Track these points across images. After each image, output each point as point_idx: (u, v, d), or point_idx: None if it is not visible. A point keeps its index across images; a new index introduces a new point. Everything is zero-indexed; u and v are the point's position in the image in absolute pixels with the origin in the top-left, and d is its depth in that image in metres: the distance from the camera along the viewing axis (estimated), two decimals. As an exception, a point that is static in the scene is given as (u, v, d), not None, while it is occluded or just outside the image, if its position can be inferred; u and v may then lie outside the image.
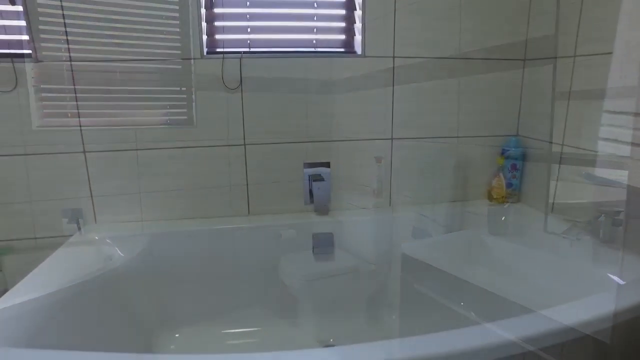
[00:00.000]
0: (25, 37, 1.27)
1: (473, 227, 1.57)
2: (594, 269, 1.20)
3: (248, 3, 1.40)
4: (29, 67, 1.28)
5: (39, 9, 1.25)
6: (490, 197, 1.68)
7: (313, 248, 1.49)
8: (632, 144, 1.02)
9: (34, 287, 1.02)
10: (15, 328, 0.86)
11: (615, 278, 1.07)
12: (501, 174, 1.64)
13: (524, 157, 1.62)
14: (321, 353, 0.75)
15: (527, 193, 1.63)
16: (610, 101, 1.07)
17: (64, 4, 1.26)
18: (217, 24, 1.40)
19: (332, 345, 1.36)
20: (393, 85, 1.51)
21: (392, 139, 1.56)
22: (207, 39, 1.39)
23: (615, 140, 1.06)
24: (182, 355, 0.72)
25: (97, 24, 1.28)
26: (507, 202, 1.65)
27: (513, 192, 1.65)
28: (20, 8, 1.24)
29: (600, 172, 1.11)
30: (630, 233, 1.16)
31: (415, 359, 0.74)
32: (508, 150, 1.62)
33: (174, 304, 1.43)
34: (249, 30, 1.42)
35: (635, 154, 1.01)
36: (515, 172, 1.62)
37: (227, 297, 1.47)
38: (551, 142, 1.47)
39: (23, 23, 1.26)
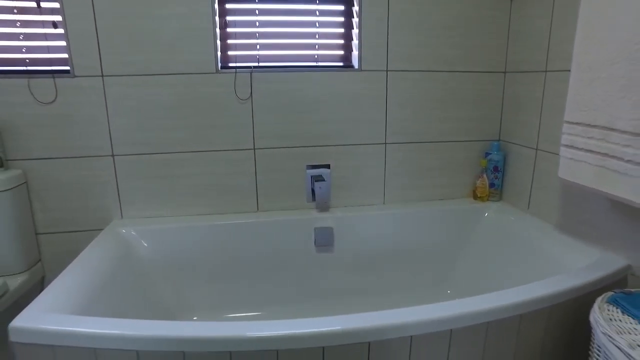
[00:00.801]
0: (65, 56, 1.46)
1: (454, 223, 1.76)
2: (557, 258, 1.38)
3: (257, 23, 1.58)
4: (67, 82, 1.47)
5: (77, 32, 1.43)
6: (475, 196, 1.85)
7: (315, 241, 1.67)
8: (574, 147, 1.19)
9: (80, 270, 1.20)
10: (70, 300, 1.04)
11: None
12: (484, 175, 1.81)
13: (505, 160, 1.80)
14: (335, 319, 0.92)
15: (508, 192, 1.80)
16: (569, 112, 1.24)
17: (98, 26, 1.44)
18: (229, 42, 1.58)
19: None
20: (386, 96, 1.69)
21: (385, 143, 1.73)
22: (221, 56, 1.57)
23: (572, 147, 1.24)
24: (224, 322, 0.86)
25: (127, 43, 1.47)
26: (490, 200, 1.83)
27: (495, 191, 1.82)
28: (61, 30, 1.43)
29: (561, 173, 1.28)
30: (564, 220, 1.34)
31: (399, 325, 0.92)
32: (490, 154, 1.79)
33: (191, 289, 1.61)
34: (258, 47, 1.60)
35: (567, 154, 1.18)
36: (497, 173, 1.79)
37: (239, 284, 1.65)
38: (528, 147, 1.65)
39: (63, 43, 1.45)
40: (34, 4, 1.40)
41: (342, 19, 1.63)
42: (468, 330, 0.98)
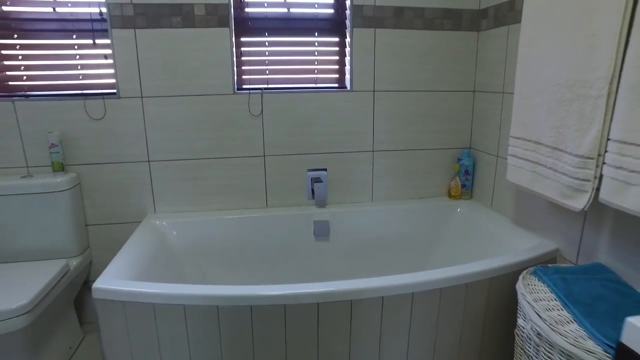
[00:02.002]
0: (113, 81, 1.81)
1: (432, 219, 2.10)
2: (508, 244, 1.72)
3: (267, 53, 1.93)
4: (114, 102, 1.82)
5: (123, 62, 1.78)
6: (449, 195, 2.19)
7: (314, 231, 2.02)
8: (517, 156, 1.53)
9: (130, 250, 1.55)
10: (128, 271, 1.39)
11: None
12: (457, 178, 2.15)
13: (474, 165, 2.14)
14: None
15: (477, 192, 2.13)
16: (512, 129, 1.58)
17: (139, 58, 1.79)
18: (244, 68, 1.93)
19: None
20: (373, 112, 2.03)
21: (373, 151, 2.08)
22: (237, 80, 1.92)
23: (515, 156, 1.58)
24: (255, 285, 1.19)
25: (162, 71, 1.82)
26: (462, 198, 2.16)
27: (466, 191, 2.16)
28: (111, 61, 1.78)
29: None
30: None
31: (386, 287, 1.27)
32: (462, 160, 2.13)
33: (211, 269, 1.95)
34: (267, 72, 1.94)
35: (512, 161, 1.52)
36: (467, 176, 2.13)
37: (250, 266, 1.99)
38: (491, 154, 1.98)
39: (112, 71, 1.80)
40: (90, 41, 1.75)
41: (336, 48, 1.97)
42: (426, 294, 1.33)
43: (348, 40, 1.95)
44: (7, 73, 1.76)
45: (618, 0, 1.10)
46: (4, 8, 1.70)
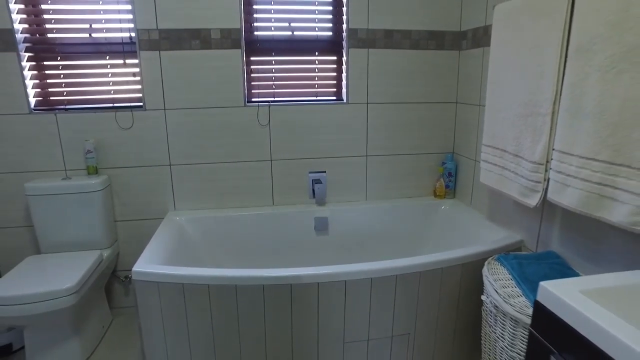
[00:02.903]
0: (140, 95, 2.08)
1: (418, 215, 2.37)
2: (482, 236, 1.99)
3: (273, 70, 2.20)
4: (140, 113, 2.09)
5: (149, 79, 2.06)
6: (434, 194, 2.47)
7: (315, 226, 2.29)
8: (488, 161, 1.81)
9: (158, 242, 1.83)
10: (157, 258, 1.66)
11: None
12: (442, 179, 2.42)
13: (457, 168, 2.41)
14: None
15: (459, 192, 2.41)
16: (484, 138, 1.86)
17: (163, 75, 2.06)
18: (253, 83, 2.20)
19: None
20: (367, 121, 2.30)
21: (367, 156, 2.35)
22: (247, 93, 2.19)
23: (486, 161, 1.85)
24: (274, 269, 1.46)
25: (182, 86, 2.09)
26: (446, 197, 2.44)
27: (450, 191, 2.43)
28: (138, 78, 2.06)
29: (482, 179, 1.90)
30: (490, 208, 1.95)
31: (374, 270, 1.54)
32: (446, 163, 2.40)
33: (223, 259, 2.22)
34: (274, 87, 2.22)
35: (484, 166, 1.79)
36: (451, 177, 2.41)
37: (258, 256, 2.26)
38: (470, 159, 2.26)
39: (139, 87, 2.07)
40: (121, 61, 2.03)
41: (334, 66, 2.25)
42: (407, 276, 1.60)
43: (344, 58, 2.22)
44: (50, 89, 2.03)
45: (557, 40, 1.38)
46: (49, 35, 1.98)
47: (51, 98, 2.05)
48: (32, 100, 2.01)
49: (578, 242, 1.51)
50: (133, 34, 2.01)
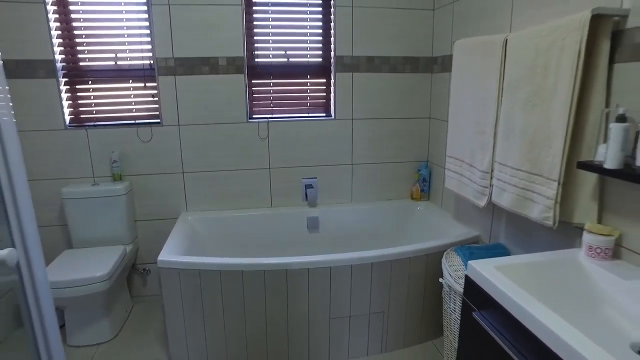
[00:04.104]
0: (158, 113, 2.45)
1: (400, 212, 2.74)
2: (448, 232, 2.36)
3: (271, 91, 2.57)
4: (158, 129, 2.45)
5: (166, 99, 2.42)
6: (411, 197, 2.84)
7: (307, 225, 2.66)
8: (450, 170, 2.18)
9: (176, 238, 2.18)
10: (176, 250, 2.02)
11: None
12: (417, 184, 2.80)
13: (430, 174, 2.78)
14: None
15: (433, 195, 2.78)
16: (448, 149, 2.23)
17: (178, 96, 2.43)
18: (254, 102, 2.57)
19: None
20: (352, 134, 2.67)
21: (352, 164, 2.72)
22: (249, 111, 2.56)
23: (449, 170, 2.22)
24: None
25: (195, 106, 2.45)
26: (422, 200, 2.81)
27: (424, 194, 2.80)
28: (157, 99, 2.42)
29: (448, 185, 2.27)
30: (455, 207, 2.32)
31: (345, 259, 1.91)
32: (421, 170, 2.77)
33: (230, 255, 2.58)
34: (272, 105, 2.59)
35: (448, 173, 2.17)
36: (425, 183, 2.78)
37: (259, 251, 2.62)
38: (441, 167, 2.63)
39: (157, 106, 2.43)
40: (142, 84, 2.39)
41: (324, 87, 2.62)
42: (381, 264, 1.97)
43: (332, 81, 2.60)
44: (81, 109, 2.39)
45: (495, 75, 1.76)
46: (81, 63, 2.34)
47: (82, 116, 2.40)
48: (67, 118, 2.37)
49: (517, 235, 1.89)
50: (152, 62, 2.37)
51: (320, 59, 2.59)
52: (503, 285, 1.17)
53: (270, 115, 2.59)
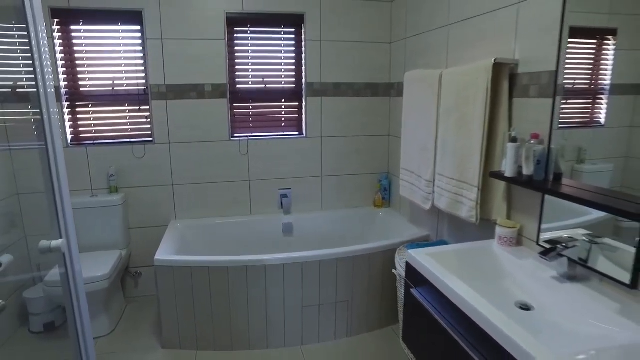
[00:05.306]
0: (150, 132, 2.78)
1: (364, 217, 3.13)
2: (404, 234, 2.76)
3: (251, 113, 2.94)
4: (151, 146, 2.78)
5: (158, 121, 2.76)
6: (375, 204, 3.24)
7: (282, 230, 3.01)
8: (404, 180, 2.58)
9: (168, 240, 2.50)
10: (169, 251, 2.34)
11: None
12: (379, 193, 3.20)
13: (390, 184, 3.19)
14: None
15: (393, 202, 3.18)
16: (402, 162, 2.63)
17: (169, 118, 2.77)
18: (236, 123, 2.93)
19: (292, 275, 2.86)
20: (321, 150, 3.06)
21: (322, 176, 3.11)
22: (231, 131, 2.91)
23: (403, 180, 2.63)
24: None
25: (183, 126, 2.80)
26: (383, 207, 3.20)
27: (386, 202, 3.20)
28: (149, 120, 2.75)
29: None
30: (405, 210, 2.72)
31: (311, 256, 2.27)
32: (382, 181, 3.18)
33: (214, 253, 2.90)
34: (251, 126, 2.95)
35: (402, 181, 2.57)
36: (386, 192, 3.18)
37: (240, 252, 2.95)
38: (398, 177, 3.04)
39: (149, 126, 2.76)
40: (137, 107, 2.73)
41: (297, 109, 3.01)
42: (345, 260, 2.34)
43: (304, 104, 2.99)
44: (82, 129, 2.70)
45: (434, 103, 2.18)
46: (82, 89, 2.66)
47: (82, 135, 2.71)
48: (69, 137, 2.68)
49: (456, 233, 2.30)
50: (146, 88, 2.71)
51: (294, 85, 2.98)
52: (431, 266, 1.56)
53: (249, 134, 2.95)
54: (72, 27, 2.59)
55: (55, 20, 2.54)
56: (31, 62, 1.23)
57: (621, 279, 1.26)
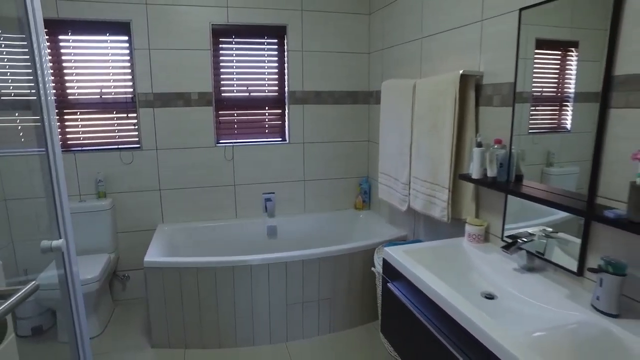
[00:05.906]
0: (136, 139, 2.86)
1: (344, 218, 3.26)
2: (384, 234, 2.90)
3: (236, 120, 3.05)
4: (138, 152, 2.86)
5: (145, 128, 2.85)
6: (356, 207, 3.37)
7: (267, 232, 3.12)
8: (382, 183, 2.73)
9: (156, 244, 2.59)
10: (157, 253, 2.43)
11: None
12: (360, 196, 3.34)
13: (370, 187, 3.33)
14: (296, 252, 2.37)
15: (373, 204, 3.33)
16: (380, 165, 2.78)
17: (156, 126, 2.86)
18: (221, 130, 3.04)
19: (276, 275, 2.97)
20: (304, 155, 3.19)
21: (304, 180, 3.23)
22: (217, 137, 3.02)
23: (381, 183, 2.77)
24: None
25: (170, 133, 2.89)
26: (364, 209, 3.34)
27: (366, 204, 3.34)
28: (137, 127, 2.84)
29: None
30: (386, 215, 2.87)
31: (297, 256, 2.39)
32: (362, 184, 3.32)
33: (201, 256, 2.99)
34: (236, 132, 3.07)
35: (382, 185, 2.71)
36: (366, 195, 3.32)
37: (226, 254, 3.05)
38: (376, 181, 3.19)
39: (137, 133, 2.85)
40: (125, 115, 2.81)
41: (280, 116, 3.14)
42: (327, 259, 2.46)
43: (287, 111, 3.11)
44: (70, 135, 2.77)
45: (409, 110, 2.33)
46: (70, 97, 2.74)
47: (70, 142, 2.79)
48: (57, 144, 2.74)
49: (431, 232, 2.45)
50: (134, 96, 2.80)
51: (277, 93, 3.10)
52: (404, 261, 1.70)
53: (234, 140, 3.06)
54: (61, 37, 2.67)
55: (44, 30, 2.61)
56: (30, 70, 1.32)
57: (570, 268, 1.42)
